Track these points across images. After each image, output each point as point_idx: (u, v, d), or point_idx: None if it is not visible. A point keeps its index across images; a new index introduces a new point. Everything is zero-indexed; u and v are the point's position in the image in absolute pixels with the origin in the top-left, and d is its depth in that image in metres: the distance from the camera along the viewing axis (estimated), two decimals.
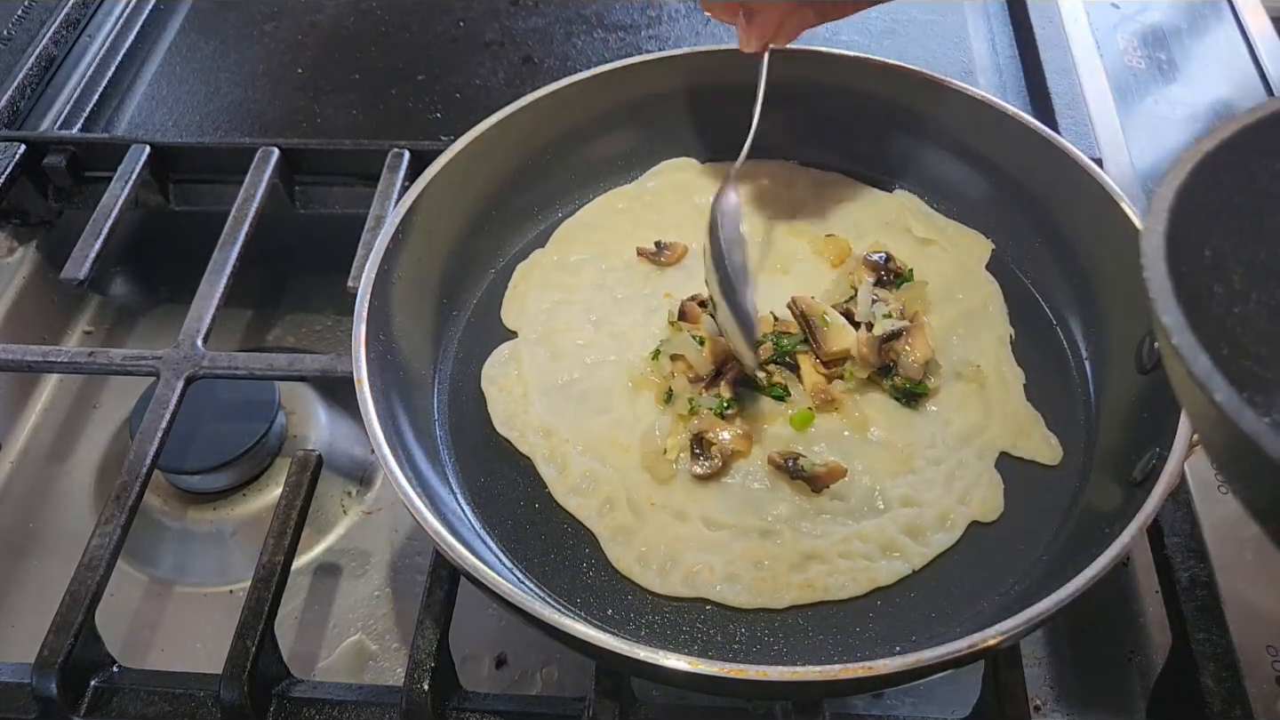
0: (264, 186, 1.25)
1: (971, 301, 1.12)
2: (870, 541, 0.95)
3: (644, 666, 0.76)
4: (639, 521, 0.97)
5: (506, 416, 1.05)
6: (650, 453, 1.00)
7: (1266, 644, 0.90)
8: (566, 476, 1.00)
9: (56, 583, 0.93)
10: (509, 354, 1.10)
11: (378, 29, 1.59)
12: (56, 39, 1.52)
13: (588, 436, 1.03)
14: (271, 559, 0.95)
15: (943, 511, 0.96)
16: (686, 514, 0.97)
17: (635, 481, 0.99)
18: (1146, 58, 1.46)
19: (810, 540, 0.95)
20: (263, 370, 1.09)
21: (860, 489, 0.98)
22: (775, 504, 0.97)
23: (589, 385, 1.07)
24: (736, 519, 0.96)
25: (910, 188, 1.24)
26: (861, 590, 0.92)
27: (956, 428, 1.02)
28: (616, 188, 1.25)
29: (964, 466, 1.00)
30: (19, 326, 1.35)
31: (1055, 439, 1.01)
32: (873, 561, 0.93)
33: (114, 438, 1.29)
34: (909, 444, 1.01)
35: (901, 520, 0.96)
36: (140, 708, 0.91)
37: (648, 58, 1.23)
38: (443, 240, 1.12)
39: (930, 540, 0.95)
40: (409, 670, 0.88)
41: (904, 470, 0.99)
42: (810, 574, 0.93)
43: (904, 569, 0.93)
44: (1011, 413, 1.03)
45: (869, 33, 1.54)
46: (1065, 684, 1.02)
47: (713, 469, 0.98)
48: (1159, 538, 0.96)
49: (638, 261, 1.17)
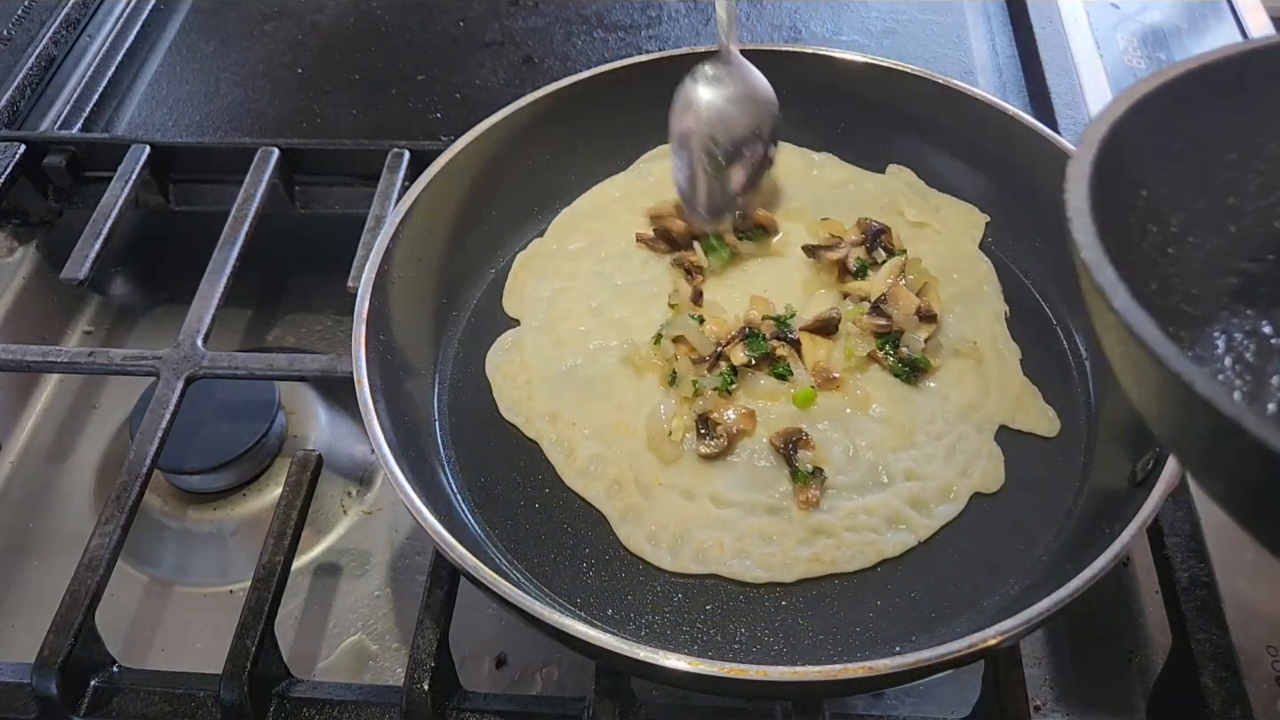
0: (264, 186, 1.25)
1: (966, 281, 1.13)
2: (876, 514, 0.96)
3: (644, 666, 0.76)
4: (648, 501, 0.98)
5: (512, 403, 1.07)
6: (655, 435, 1.01)
7: (1266, 644, 0.90)
8: (574, 460, 1.01)
9: (56, 583, 0.93)
10: (512, 341, 1.12)
11: (378, 29, 1.59)
12: (56, 39, 1.52)
13: (593, 421, 1.04)
14: (271, 559, 0.95)
15: (945, 484, 0.98)
16: (694, 493, 0.98)
17: (643, 463, 1.00)
18: (1146, 58, 1.46)
19: (817, 515, 0.96)
20: (263, 370, 1.09)
21: (864, 464, 0.99)
22: (781, 480, 0.98)
23: (592, 371, 1.08)
24: (744, 496, 0.97)
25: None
26: (869, 562, 0.94)
27: (955, 403, 1.04)
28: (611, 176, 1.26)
29: (964, 440, 1.01)
30: (19, 326, 1.35)
31: (1053, 411, 1.03)
32: (879, 534, 0.95)
33: (114, 438, 1.29)
34: (910, 420, 1.02)
35: (905, 493, 0.97)
36: (140, 708, 0.91)
37: (648, 58, 1.23)
38: (443, 240, 1.12)
39: (934, 512, 0.97)
40: (409, 670, 0.88)
41: (906, 445, 1.01)
42: (818, 548, 0.94)
43: (910, 540, 0.95)
44: (1009, 386, 1.05)
45: (869, 32, 1.54)
46: (1065, 684, 1.02)
47: (719, 448, 0.99)
48: (1159, 538, 0.96)
49: (636, 248, 1.18)
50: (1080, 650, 1.03)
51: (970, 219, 1.19)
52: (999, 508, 0.98)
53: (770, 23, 1.57)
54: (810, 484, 0.97)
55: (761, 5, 1.60)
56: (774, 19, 1.57)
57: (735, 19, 1.14)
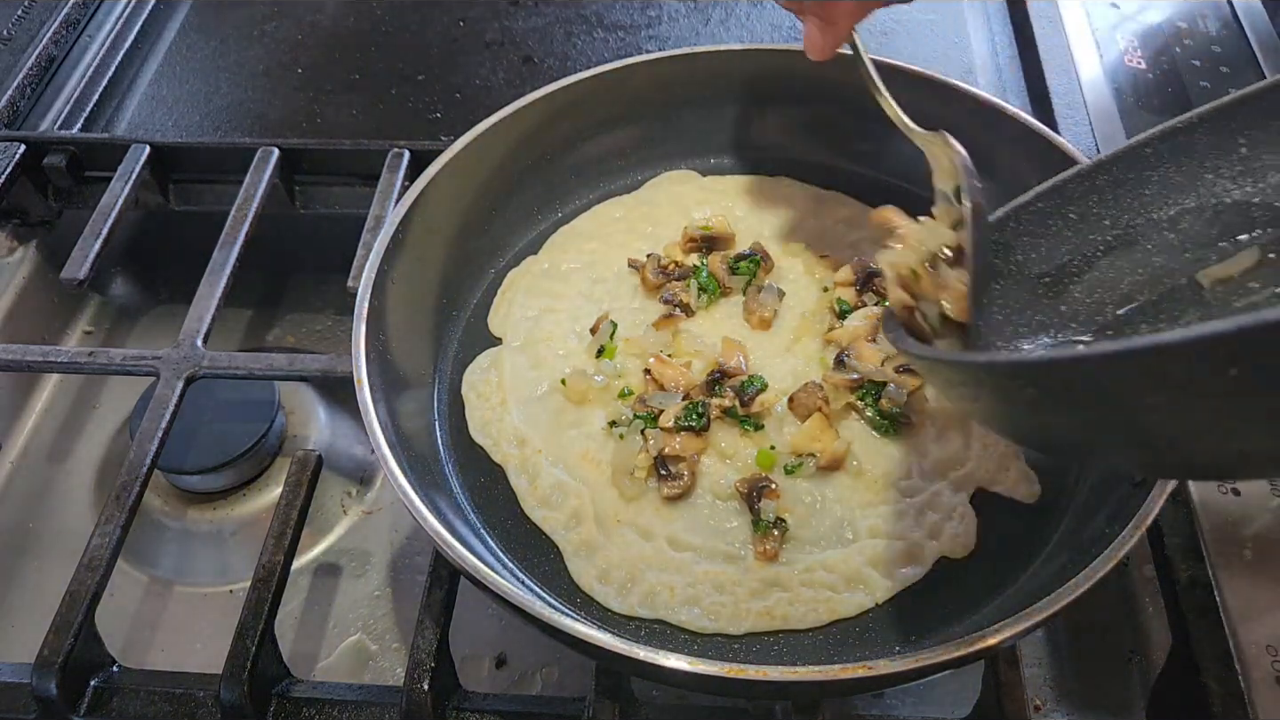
0: (264, 186, 1.25)
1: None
2: (835, 572, 0.93)
3: (644, 666, 0.76)
4: (604, 538, 0.95)
5: (483, 424, 1.05)
6: (620, 470, 0.99)
7: (1266, 644, 0.90)
8: (536, 489, 0.99)
9: (56, 583, 0.93)
10: (490, 361, 1.10)
11: (378, 29, 1.59)
12: (56, 39, 1.52)
13: (560, 449, 1.02)
14: (271, 559, 0.95)
15: (912, 545, 0.94)
16: (653, 533, 0.96)
17: (604, 497, 0.98)
18: (1146, 58, 1.46)
19: (774, 567, 0.93)
20: (263, 370, 1.09)
21: (830, 517, 0.96)
22: (743, 528, 0.96)
23: (566, 398, 1.05)
24: (702, 540, 0.95)
25: (909, 187, 1.24)
26: (822, 621, 0.91)
27: (934, 459, 1.00)
28: (615, 194, 1.25)
29: (938, 499, 0.97)
30: (19, 326, 1.35)
31: (1035, 476, 0.99)
32: (836, 592, 0.92)
33: (114, 438, 1.29)
34: (884, 474, 0.99)
35: (869, 551, 0.94)
36: (140, 708, 0.91)
37: (648, 58, 1.23)
38: (442, 240, 1.12)
39: (896, 574, 0.93)
40: (409, 670, 0.88)
41: (877, 501, 0.97)
42: (770, 601, 0.91)
43: (867, 601, 0.92)
44: (991, 446, 1.01)
45: (869, 32, 1.53)
46: (1065, 684, 1.02)
47: (681, 489, 0.96)
48: (1159, 538, 0.96)
49: (628, 273, 1.16)
50: (1080, 650, 1.03)
51: None
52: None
53: (770, 23, 1.57)
54: (770, 535, 0.93)
55: (761, 5, 1.60)
56: (774, 19, 1.57)
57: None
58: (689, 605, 0.91)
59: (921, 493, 0.98)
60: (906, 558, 0.94)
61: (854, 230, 1.20)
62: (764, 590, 0.92)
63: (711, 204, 1.22)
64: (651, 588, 0.92)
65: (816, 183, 1.25)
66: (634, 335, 1.09)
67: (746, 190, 1.24)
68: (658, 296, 1.12)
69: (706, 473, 0.99)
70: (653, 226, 1.21)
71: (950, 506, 0.97)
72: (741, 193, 1.24)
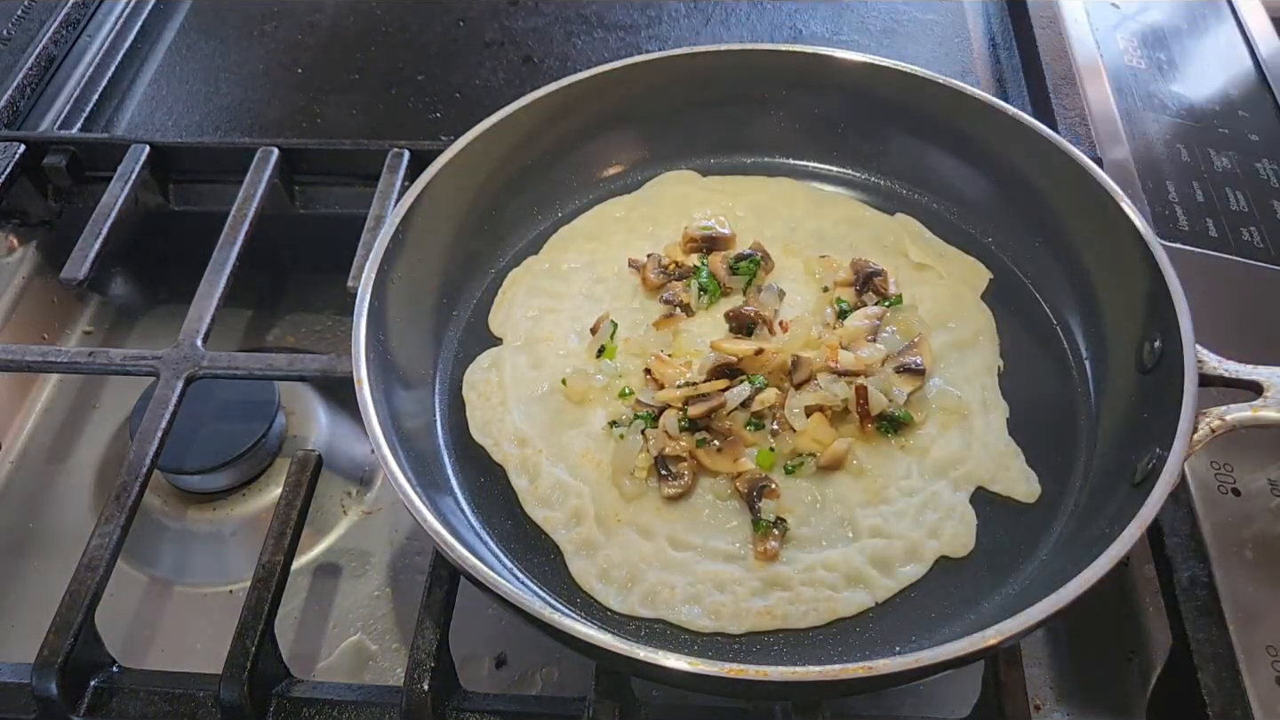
0: (264, 186, 1.25)
1: (963, 331, 1.10)
2: (835, 571, 0.93)
3: (644, 666, 0.76)
4: (605, 537, 0.95)
5: (483, 424, 1.05)
6: (620, 470, 0.99)
7: (1266, 644, 0.90)
8: (537, 488, 0.99)
9: (56, 583, 0.93)
10: (491, 361, 1.10)
11: (378, 29, 1.59)
12: (56, 39, 1.52)
13: (561, 449, 1.02)
14: (271, 559, 0.95)
15: (912, 544, 0.94)
16: (653, 532, 0.96)
17: (605, 497, 0.98)
18: (1146, 58, 1.46)
19: (774, 566, 0.93)
20: (263, 370, 1.09)
21: (830, 517, 0.96)
22: (744, 527, 0.96)
23: (566, 397, 1.05)
24: (702, 540, 0.95)
25: (909, 187, 1.24)
26: (822, 620, 0.91)
27: (934, 458, 1.00)
28: (616, 194, 1.25)
29: (938, 498, 0.97)
30: (19, 326, 1.35)
31: (1034, 476, 0.99)
32: (836, 592, 0.92)
33: (114, 438, 1.29)
34: (884, 474, 0.99)
35: (869, 551, 0.94)
36: (140, 708, 0.91)
37: (648, 58, 1.23)
38: (442, 240, 1.12)
39: (896, 573, 0.93)
40: (409, 670, 0.88)
41: (877, 500, 0.97)
42: (771, 600, 0.91)
43: (867, 601, 0.92)
44: (991, 445, 1.01)
45: (869, 32, 1.54)
46: (1065, 684, 1.02)
47: (682, 489, 0.97)
48: (1159, 538, 0.96)
49: (628, 273, 1.16)
50: (1080, 650, 1.03)
51: (974, 270, 1.16)
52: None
53: (770, 23, 1.57)
54: (770, 535, 0.94)
55: (761, 5, 1.60)
56: (774, 19, 1.57)
57: None
58: (689, 604, 0.91)
59: (921, 492, 0.98)
60: (906, 557, 0.94)
61: (854, 230, 1.20)
62: (764, 589, 0.92)
63: (712, 204, 1.22)
64: (652, 587, 0.92)
65: (816, 183, 1.25)
66: (634, 335, 1.09)
67: (746, 190, 1.24)
68: (658, 296, 1.12)
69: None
70: (653, 226, 1.21)
71: (950, 506, 0.97)
72: (741, 193, 1.24)
